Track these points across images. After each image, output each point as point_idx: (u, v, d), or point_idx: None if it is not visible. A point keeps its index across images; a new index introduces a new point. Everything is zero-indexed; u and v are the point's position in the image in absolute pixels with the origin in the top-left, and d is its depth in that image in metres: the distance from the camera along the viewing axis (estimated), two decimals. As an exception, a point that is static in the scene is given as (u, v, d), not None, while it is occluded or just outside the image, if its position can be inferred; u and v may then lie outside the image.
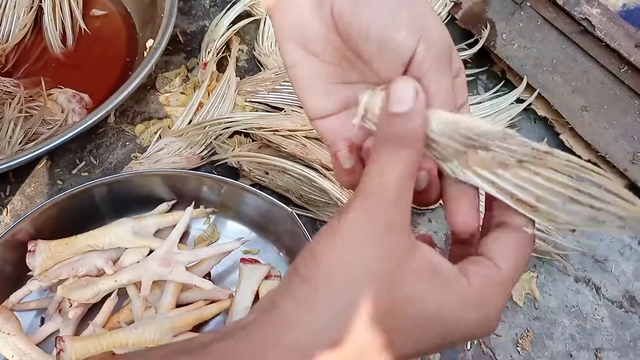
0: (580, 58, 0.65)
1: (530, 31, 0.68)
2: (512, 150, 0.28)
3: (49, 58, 0.72)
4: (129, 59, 0.72)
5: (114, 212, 0.55)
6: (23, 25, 0.71)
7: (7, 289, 0.51)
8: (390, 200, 0.26)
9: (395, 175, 0.26)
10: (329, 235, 0.26)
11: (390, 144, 0.26)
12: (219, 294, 0.51)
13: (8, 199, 0.61)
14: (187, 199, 0.56)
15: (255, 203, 0.55)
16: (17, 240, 0.51)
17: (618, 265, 0.60)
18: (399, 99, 0.26)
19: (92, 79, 0.70)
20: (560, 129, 0.66)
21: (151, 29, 0.70)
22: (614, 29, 0.62)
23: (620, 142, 0.62)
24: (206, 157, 0.63)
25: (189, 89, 0.69)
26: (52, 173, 0.63)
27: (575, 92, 0.65)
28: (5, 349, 0.45)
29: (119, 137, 0.65)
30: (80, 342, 0.44)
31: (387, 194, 0.26)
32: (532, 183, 0.27)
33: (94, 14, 0.76)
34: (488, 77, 0.73)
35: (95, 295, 0.49)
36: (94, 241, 0.51)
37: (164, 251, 0.50)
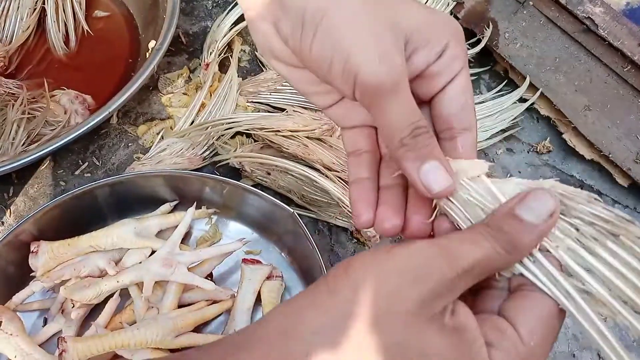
0: (583, 57, 0.65)
1: (533, 30, 0.68)
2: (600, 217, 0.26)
3: (51, 59, 0.72)
4: (132, 60, 0.72)
5: (117, 213, 0.56)
6: (26, 26, 0.71)
7: (10, 289, 0.51)
8: (454, 274, 0.25)
9: (475, 263, 0.25)
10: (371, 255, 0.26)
11: (492, 238, 0.25)
12: (221, 295, 0.51)
13: (11, 200, 0.61)
14: (189, 200, 0.56)
15: (257, 203, 0.55)
16: (20, 241, 0.51)
17: (622, 265, 0.60)
18: (533, 208, 0.25)
19: (95, 80, 0.70)
20: (563, 128, 0.66)
21: (153, 30, 0.70)
22: (617, 28, 0.62)
23: (624, 141, 0.61)
24: (208, 157, 0.63)
25: (191, 90, 0.69)
26: (55, 174, 0.63)
27: (578, 91, 0.64)
28: (8, 349, 0.46)
29: (121, 138, 0.66)
30: (83, 343, 0.44)
31: (457, 265, 0.25)
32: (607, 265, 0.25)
33: (97, 15, 0.76)
34: (491, 76, 0.73)
35: (98, 296, 0.49)
36: (96, 242, 0.51)
37: (166, 252, 0.50)
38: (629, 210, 0.63)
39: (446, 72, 0.29)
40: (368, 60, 0.27)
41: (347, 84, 0.28)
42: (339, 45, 0.27)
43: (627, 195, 0.64)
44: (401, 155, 0.28)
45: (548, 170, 0.65)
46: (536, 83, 0.66)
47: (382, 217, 0.30)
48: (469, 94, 0.30)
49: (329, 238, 0.60)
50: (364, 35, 0.27)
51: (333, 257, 0.58)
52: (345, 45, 0.27)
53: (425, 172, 0.28)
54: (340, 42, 0.27)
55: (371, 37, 0.27)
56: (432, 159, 0.28)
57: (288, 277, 0.55)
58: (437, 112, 0.31)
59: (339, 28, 0.27)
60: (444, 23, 0.29)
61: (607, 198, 0.64)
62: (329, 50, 0.27)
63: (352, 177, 0.32)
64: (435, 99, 0.31)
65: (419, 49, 0.29)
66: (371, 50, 0.27)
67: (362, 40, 0.27)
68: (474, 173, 0.28)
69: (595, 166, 0.65)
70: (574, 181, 0.65)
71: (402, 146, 0.28)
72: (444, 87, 0.30)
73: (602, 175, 0.65)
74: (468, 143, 0.30)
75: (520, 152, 0.67)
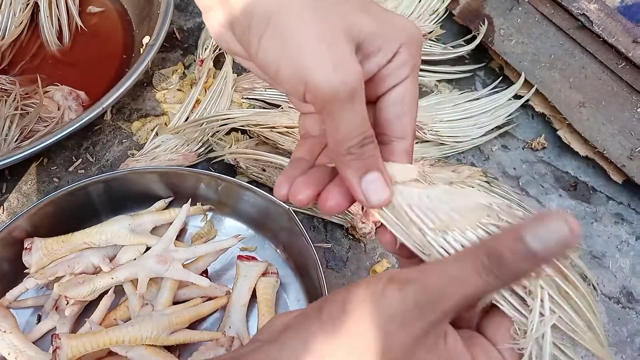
0: (578, 54, 0.65)
1: (528, 27, 0.68)
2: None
3: (45, 55, 0.71)
4: (126, 55, 0.72)
5: (111, 210, 0.55)
6: (19, 22, 0.71)
7: (4, 286, 0.50)
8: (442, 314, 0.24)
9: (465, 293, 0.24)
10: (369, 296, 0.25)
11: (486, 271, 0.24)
12: (216, 291, 0.51)
13: (4, 197, 0.61)
14: (184, 196, 0.56)
15: (252, 200, 0.55)
16: (13, 237, 0.51)
17: (615, 261, 0.60)
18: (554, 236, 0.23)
19: (89, 76, 0.69)
20: (558, 125, 0.66)
21: (148, 26, 0.70)
22: (612, 25, 0.62)
23: (618, 138, 0.62)
24: (203, 154, 0.63)
25: (186, 86, 0.69)
26: (48, 170, 0.62)
27: (573, 88, 0.64)
28: (1, 346, 0.45)
29: (115, 134, 0.65)
30: (77, 340, 0.44)
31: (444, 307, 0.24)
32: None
33: (91, 10, 0.76)
34: (486, 73, 0.73)
35: (92, 293, 0.48)
36: (90, 238, 0.51)
37: (161, 248, 0.50)
38: (623, 206, 0.64)
39: (391, 77, 0.29)
40: (321, 67, 0.25)
41: (296, 89, 0.27)
42: (288, 51, 0.26)
43: (621, 192, 0.65)
44: (346, 163, 0.28)
45: (543, 167, 0.66)
46: (531, 80, 0.66)
47: (296, 189, 0.30)
48: (408, 103, 0.30)
49: (324, 234, 0.60)
50: (316, 40, 0.26)
51: (328, 254, 0.58)
52: (294, 50, 0.26)
53: (367, 182, 0.28)
54: (289, 47, 0.26)
55: (324, 42, 0.26)
56: (374, 170, 0.28)
57: (283, 274, 0.55)
58: (377, 114, 0.31)
59: (288, 32, 0.26)
60: (400, 29, 0.29)
61: (602, 194, 0.64)
62: (276, 55, 0.26)
63: (292, 156, 0.33)
64: (379, 101, 0.30)
65: (371, 55, 0.28)
66: (325, 57, 0.25)
67: (313, 45, 0.26)
68: (403, 178, 0.29)
69: (589, 163, 0.65)
70: (569, 178, 0.65)
71: (348, 154, 0.28)
72: (386, 92, 0.30)
73: (596, 172, 0.65)
74: (401, 150, 0.30)
75: (515, 148, 0.67)
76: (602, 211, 0.63)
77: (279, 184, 0.31)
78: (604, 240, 0.62)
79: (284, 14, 0.26)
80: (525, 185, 0.65)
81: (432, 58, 0.71)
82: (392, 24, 0.28)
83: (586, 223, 0.63)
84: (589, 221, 0.63)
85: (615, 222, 0.63)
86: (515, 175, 0.65)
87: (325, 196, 0.30)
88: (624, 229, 0.62)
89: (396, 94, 0.29)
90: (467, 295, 0.24)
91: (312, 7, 0.26)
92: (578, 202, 0.64)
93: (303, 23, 0.26)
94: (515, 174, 0.65)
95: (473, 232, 0.27)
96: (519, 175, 0.65)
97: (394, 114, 0.30)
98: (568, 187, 0.65)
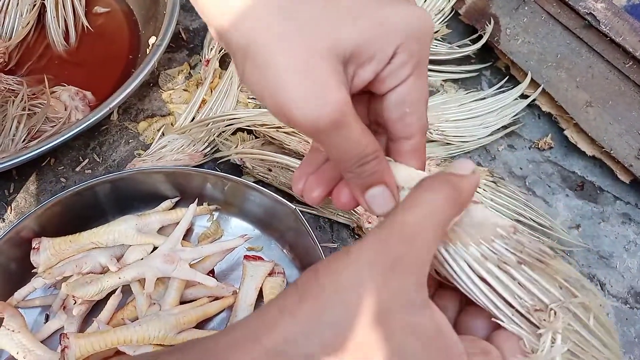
0: (585, 53, 0.65)
1: (535, 26, 0.68)
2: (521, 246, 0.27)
3: (51, 56, 0.72)
4: (132, 56, 0.72)
5: (118, 210, 0.55)
6: (26, 22, 0.71)
7: (12, 286, 0.51)
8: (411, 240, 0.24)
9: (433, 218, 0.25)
10: (335, 258, 0.25)
11: (445, 185, 0.26)
12: (223, 291, 0.51)
13: (12, 197, 0.61)
14: (191, 196, 0.56)
15: (259, 200, 0.55)
16: (21, 237, 0.51)
17: (623, 262, 0.60)
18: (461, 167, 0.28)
19: (95, 77, 0.69)
20: (564, 124, 0.66)
21: (154, 26, 0.70)
22: (619, 24, 0.62)
23: (625, 138, 0.61)
24: (209, 154, 0.63)
25: (192, 86, 0.69)
26: (55, 171, 0.63)
27: (579, 87, 0.64)
28: (10, 345, 0.46)
29: (122, 134, 0.65)
30: (85, 339, 0.44)
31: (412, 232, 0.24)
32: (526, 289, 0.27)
33: (97, 11, 0.76)
34: (492, 72, 0.73)
35: (99, 292, 0.49)
36: (97, 238, 0.51)
37: (168, 248, 0.50)
38: (631, 206, 0.63)
39: (391, 78, 0.27)
40: (298, 102, 0.24)
41: (282, 120, 0.26)
42: (266, 84, 0.25)
43: (628, 192, 0.64)
44: (348, 179, 0.29)
45: (549, 167, 0.65)
46: (537, 79, 0.66)
47: (309, 186, 0.31)
48: (412, 103, 0.28)
49: (331, 234, 0.60)
50: (292, 73, 0.24)
51: (334, 254, 0.58)
52: (271, 84, 0.25)
53: (370, 196, 0.28)
54: (267, 81, 0.25)
55: (299, 74, 0.24)
56: (378, 184, 0.28)
57: (290, 274, 0.54)
58: (383, 112, 0.29)
59: (265, 65, 0.25)
60: (396, 29, 0.26)
61: (609, 194, 0.64)
62: (258, 86, 0.25)
63: (310, 147, 0.33)
64: (383, 99, 0.29)
65: (365, 63, 0.26)
66: (300, 91, 0.24)
67: (289, 79, 0.24)
68: (410, 185, 0.28)
69: (596, 162, 0.65)
70: (576, 177, 0.65)
71: (349, 172, 0.28)
72: (387, 92, 0.28)
73: (603, 172, 0.65)
74: (406, 150, 0.29)
75: (521, 148, 0.67)
76: (609, 211, 0.63)
77: (295, 179, 0.32)
78: (611, 241, 0.61)
79: (260, 45, 0.25)
80: (532, 185, 0.64)
81: (438, 58, 0.71)
82: (387, 25, 0.26)
83: (593, 223, 0.62)
84: (596, 221, 0.62)
85: (623, 222, 0.62)
86: (521, 175, 0.65)
87: (338, 192, 0.30)
88: (631, 229, 0.62)
89: (397, 95, 0.28)
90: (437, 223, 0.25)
91: (292, 30, 0.24)
92: (585, 202, 0.63)
93: (280, 53, 0.24)
94: (522, 173, 0.65)
95: (476, 249, 0.27)
96: (525, 175, 0.65)
97: (397, 115, 0.28)
98: (575, 187, 0.64)
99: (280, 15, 0.24)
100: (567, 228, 0.61)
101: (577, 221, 0.62)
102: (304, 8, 0.25)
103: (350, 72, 0.26)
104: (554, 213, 0.62)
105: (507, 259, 0.27)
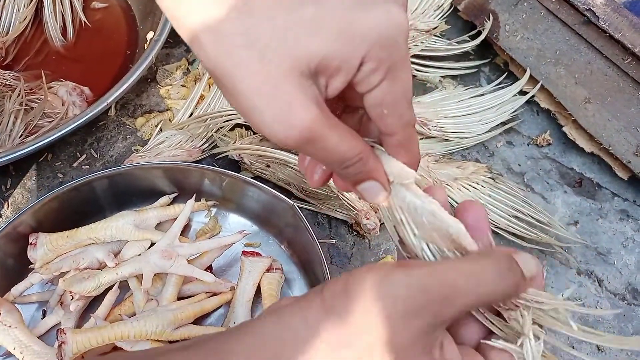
0: (584, 49, 0.65)
1: (534, 22, 0.67)
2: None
3: (49, 51, 0.71)
4: (130, 51, 0.72)
5: (115, 205, 0.55)
6: (23, 17, 0.71)
7: (9, 281, 0.51)
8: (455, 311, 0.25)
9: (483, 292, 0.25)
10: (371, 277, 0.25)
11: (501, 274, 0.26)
12: (221, 287, 0.51)
13: (9, 192, 0.61)
14: (189, 192, 0.56)
15: (257, 196, 0.55)
16: (18, 233, 0.51)
17: (621, 258, 0.60)
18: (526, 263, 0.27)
19: (93, 72, 0.69)
20: (563, 121, 0.66)
21: (152, 21, 0.69)
22: (618, 20, 0.62)
23: (624, 134, 0.61)
24: (207, 150, 0.62)
25: (190, 82, 0.69)
26: (52, 166, 0.63)
27: (578, 83, 0.64)
28: (6, 341, 0.45)
29: (119, 130, 0.65)
30: (82, 335, 0.44)
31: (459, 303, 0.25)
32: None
33: (94, 6, 0.76)
34: (491, 69, 0.73)
35: (97, 288, 0.48)
36: (95, 234, 0.51)
37: (166, 244, 0.50)
38: (629, 203, 0.63)
39: (362, 84, 0.27)
40: (265, 122, 0.25)
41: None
42: (237, 104, 0.26)
43: (627, 188, 0.64)
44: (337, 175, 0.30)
45: (548, 163, 0.65)
46: (536, 75, 0.66)
47: (310, 169, 0.31)
48: (388, 104, 0.27)
49: (329, 230, 0.60)
50: (257, 91, 0.25)
51: (333, 250, 0.58)
52: (242, 104, 0.26)
53: (362, 188, 0.29)
54: (237, 101, 0.26)
55: (266, 94, 0.25)
56: (368, 179, 0.29)
57: (288, 270, 0.54)
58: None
59: (233, 90, 0.25)
60: (359, 38, 0.25)
61: (607, 191, 0.64)
62: (233, 104, 0.26)
63: None
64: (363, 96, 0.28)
65: (333, 75, 0.26)
66: (267, 111, 0.25)
67: (255, 98, 0.25)
68: (400, 180, 0.29)
69: (595, 159, 0.65)
70: (574, 174, 0.65)
71: (335, 172, 0.30)
72: (363, 95, 0.28)
73: (602, 168, 0.65)
74: (392, 145, 0.29)
75: (520, 144, 0.67)
76: (607, 208, 0.63)
77: (301, 157, 0.32)
78: (609, 237, 0.61)
79: (225, 72, 0.25)
80: (530, 181, 0.64)
81: (437, 54, 0.70)
82: (351, 34, 0.25)
83: (591, 220, 0.62)
84: (594, 218, 0.62)
85: (621, 219, 0.62)
86: (520, 171, 0.65)
87: (336, 176, 0.31)
88: (629, 225, 0.62)
89: (372, 99, 0.27)
90: (483, 295, 0.25)
91: (253, 56, 0.24)
92: (583, 199, 0.63)
93: (244, 81, 0.25)
94: (520, 170, 0.65)
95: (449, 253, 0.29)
96: (524, 172, 0.65)
97: (375, 114, 0.28)
98: (573, 184, 0.64)
99: (241, 41, 0.24)
100: (565, 224, 0.61)
101: (575, 218, 0.62)
102: (265, 27, 0.24)
103: (322, 82, 0.26)
104: (552, 209, 0.62)
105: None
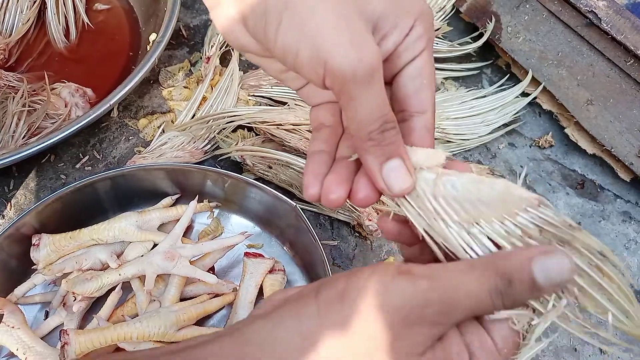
0: (586, 51, 0.65)
1: (536, 24, 0.67)
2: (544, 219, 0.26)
3: (52, 52, 0.72)
4: (132, 53, 0.72)
5: (118, 206, 0.55)
6: (26, 19, 0.71)
7: (12, 282, 0.51)
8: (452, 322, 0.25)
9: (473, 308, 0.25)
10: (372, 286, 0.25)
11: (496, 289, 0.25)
12: (223, 288, 0.51)
13: (12, 193, 0.61)
14: (191, 193, 0.56)
15: (259, 197, 0.55)
16: (21, 234, 0.51)
17: (623, 260, 0.60)
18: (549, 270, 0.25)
19: (95, 74, 0.69)
20: (565, 122, 0.66)
21: (154, 23, 0.70)
22: (621, 22, 0.62)
23: (626, 136, 0.61)
24: (209, 151, 0.63)
25: (192, 83, 0.69)
26: (55, 167, 0.63)
27: (580, 85, 0.64)
28: (9, 342, 0.46)
29: (122, 131, 0.65)
30: (85, 336, 0.44)
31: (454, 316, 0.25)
32: None
33: (97, 8, 0.76)
34: (493, 70, 0.73)
35: (100, 289, 0.49)
36: (97, 235, 0.51)
37: (168, 245, 0.50)
38: (631, 204, 0.63)
39: (408, 51, 0.29)
40: (340, 46, 0.25)
41: (316, 72, 0.27)
42: (306, 31, 0.26)
43: (629, 190, 0.64)
44: (367, 149, 0.28)
45: (550, 165, 0.65)
46: (538, 77, 0.66)
47: (328, 189, 0.30)
48: (427, 76, 0.30)
49: (331, 232, 0.60)
50: (333, 18, 0.26)
51: (335, 251, 0.58)
52: (312, 30, 0.26)
53: (388, 169, 0.28)
54: (307, 28, 0.26)
55: (341, 20, 0.26)
56: (396, 156, 0.28)
57: (290, 271, 0.55)
58: (395, 93, 0.31)
59: (305, 13, 0.26)
60: (411, 5, 0.29)
61: (609, 193, 0.64)
62: (295, 37, 0.26)
63: (310, 150, 0.32)
64: (395, 79, 0.30)
65: (388, 34, 0.29)
66: (343, 33, 0.25)
67: (331, 23, 0.26)
68: (430, 163, 0.28)
69: (597, 161, 0.65)
70: (576, 176, 0.65)
71: (369, 140, 0.28)
72: (403, 67, 0.30)
73: (604, 170, 0.65)
74: (421, 126, 0.30)
75: (522, 146, 0.67)
76: (609, 209, 0.63)
77: (308, 183, 0.30)
78: (611, 239, 0.61)
79: (298, 2, 0.26)
80: (533, 183, 0.64)
81: (439, 55, 0.71)
82: (402, 3, 0.29)
83: (593, 221, 0.62)
84: (597, 219, 0.62)
85: (623, 221, 0.62)
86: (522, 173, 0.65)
87: (355, 189, 0.30)
88: (631, 227, 0.62)
89: (414, 68, 0.29)
90: (473, 311, 0.25)
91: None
92: (585, 201, 0.63)
93: (319, 10, 0.26)
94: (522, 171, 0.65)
95: (500, 225, 0.26)
96: (526, 173, 0.65)
97: (413, 89, 0.30)
98: (575, 185, 0.64)
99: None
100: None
101: (577, 219, 0.62)
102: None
103: (376, 41, 0.28)
104: (554, 211, 0.62)
105: (532, 233, 0.26)
